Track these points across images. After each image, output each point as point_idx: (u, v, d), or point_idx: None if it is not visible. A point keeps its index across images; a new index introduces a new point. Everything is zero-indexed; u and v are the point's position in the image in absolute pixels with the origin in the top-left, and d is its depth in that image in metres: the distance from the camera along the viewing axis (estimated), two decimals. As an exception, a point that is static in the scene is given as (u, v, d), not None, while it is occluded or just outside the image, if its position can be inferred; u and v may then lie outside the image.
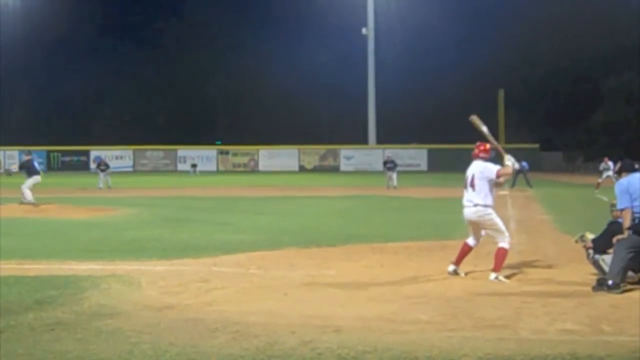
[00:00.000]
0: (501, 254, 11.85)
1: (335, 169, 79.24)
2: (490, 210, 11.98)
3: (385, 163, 43.74)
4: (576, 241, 11.96)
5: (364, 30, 79.83)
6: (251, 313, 9.28)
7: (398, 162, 44.41)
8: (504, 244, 11.90)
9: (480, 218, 12.03)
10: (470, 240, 12.27)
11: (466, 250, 12.29)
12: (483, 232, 12.24)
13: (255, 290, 10.94)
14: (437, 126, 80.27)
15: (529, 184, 40.79)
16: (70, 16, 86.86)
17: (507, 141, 72.15)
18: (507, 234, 12.04)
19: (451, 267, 12.23)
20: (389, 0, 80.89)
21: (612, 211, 11.84)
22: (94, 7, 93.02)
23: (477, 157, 12.32)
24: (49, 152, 74.85)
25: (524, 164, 41.80)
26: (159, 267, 13.06)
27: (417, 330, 8.44)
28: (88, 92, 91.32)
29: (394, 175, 41.96)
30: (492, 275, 11.68)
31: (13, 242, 16.25)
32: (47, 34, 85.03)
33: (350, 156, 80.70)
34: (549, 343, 7.82)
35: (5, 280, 11.35)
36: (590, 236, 11.63)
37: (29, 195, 27.59)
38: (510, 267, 12.64)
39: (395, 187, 40.76)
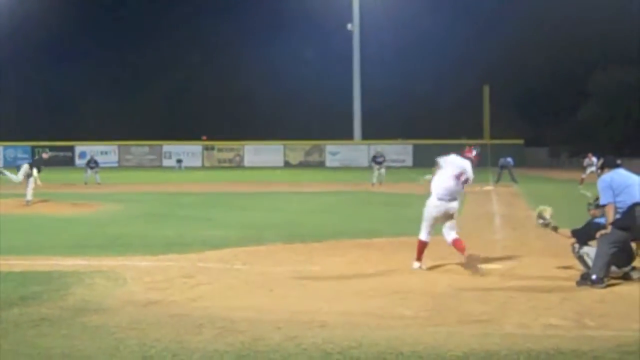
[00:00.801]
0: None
1: (320, 165, 79.20)
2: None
3: (374, 157, 42.85)
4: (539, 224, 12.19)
5: (349, 26, 79.70)
6: (236, 309, 9.29)
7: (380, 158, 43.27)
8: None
9: None
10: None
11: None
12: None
13: (240, 286, 10.95)
14: (423, 122, 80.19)
15: (514, 179, 40.82)
16: (55, 10, 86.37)
17: (492, 137, 72.31)
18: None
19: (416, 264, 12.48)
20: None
21: (589, 209, 11.90)
22: (80, 2, 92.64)
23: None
24: (33, 147, 74.39)
25: (509, 159, 41.91)
26: (144, 262, 13.05)
27: (402, 325, 8.47)
28: (73, 87, 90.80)
29: (383, 171, 41.51)
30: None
31: (-3, 238, 16.18)
32: (31, 28, 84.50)
33: (335, 152, 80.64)
34: (534, 338, 7.86)
35: (-10, 276, 11.32)
36: (546, 210, 11.89)
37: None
38: (495, 262, 12.71)
39: (381, 183, 40.39)
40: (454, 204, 12.27)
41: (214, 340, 7.81)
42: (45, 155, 30.15)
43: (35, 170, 27.05)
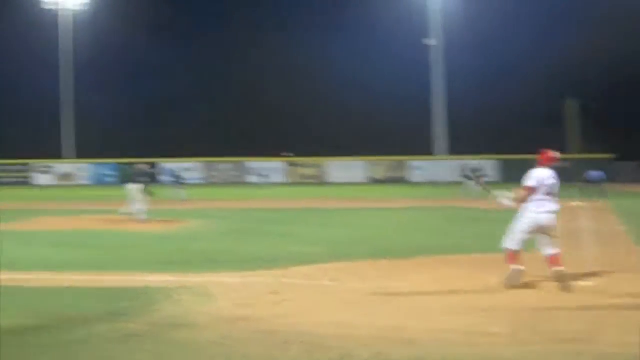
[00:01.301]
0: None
1: (404, 180, 78.86)
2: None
3: (472, 172, 41.96)
4: None
5: (427, 41, 79.63)
6: (323, 325, 9.26)
7: (470, 173, 42.31)
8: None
9: None
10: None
11: None
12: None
13: (326, 302, 10.91)
14: (509, 136, 79.21)
15: (604, 195, 39.79)
16: (137, 24, 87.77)
17: (581, 151, 70.94)
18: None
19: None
20: (456, 6, 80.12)
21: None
22: (161, 13, 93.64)
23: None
24: (118, 164, 75.72)
25: (599, 174, 40.94)
26: (230, 278, 13.10)
27: (489, 343, 8.34)
28: (155, 103, 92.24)
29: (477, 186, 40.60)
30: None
31: (87, 254, 16.47)
32: (115, 43, 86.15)
33: (419, 167, 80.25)
34: (629, 357, 7.64)
35: (80, 292, 11.51)
36: None
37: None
38: (586, 278, 12.43)
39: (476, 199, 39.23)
40: (550, 218, 12.00)
41: (301, 356, 7.78)
42: (141, 167, 29.84)
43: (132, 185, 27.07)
